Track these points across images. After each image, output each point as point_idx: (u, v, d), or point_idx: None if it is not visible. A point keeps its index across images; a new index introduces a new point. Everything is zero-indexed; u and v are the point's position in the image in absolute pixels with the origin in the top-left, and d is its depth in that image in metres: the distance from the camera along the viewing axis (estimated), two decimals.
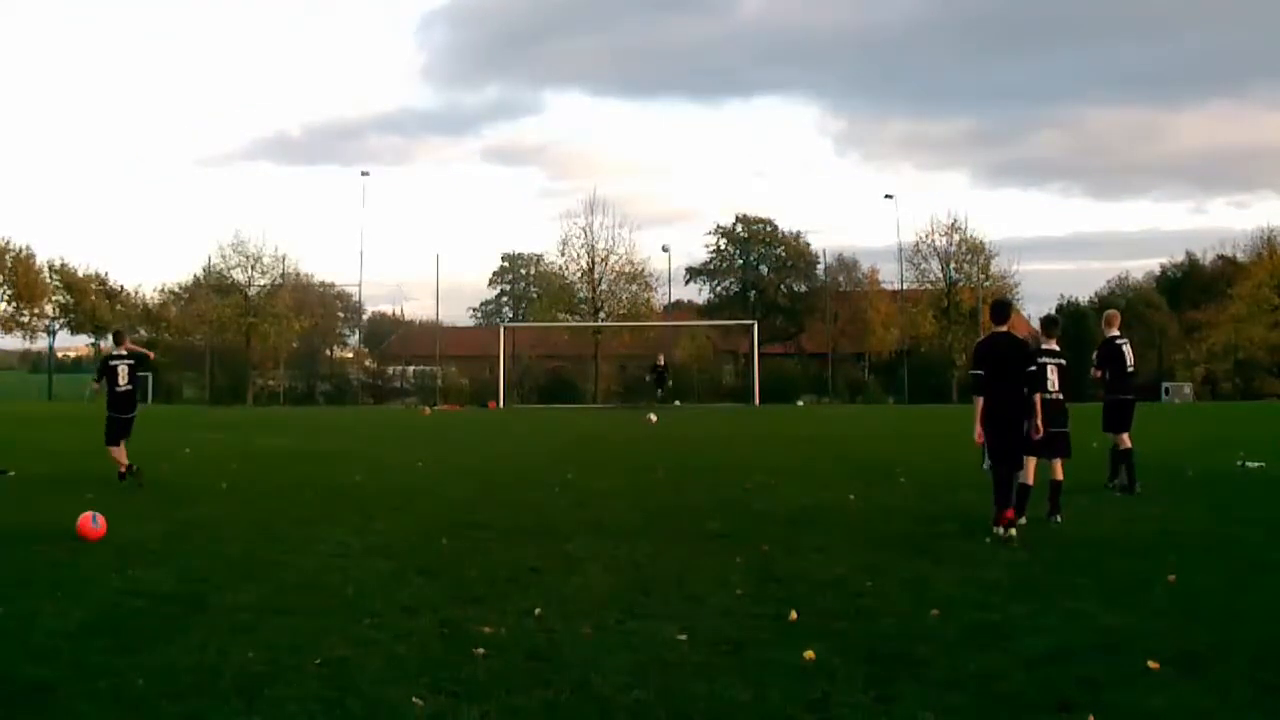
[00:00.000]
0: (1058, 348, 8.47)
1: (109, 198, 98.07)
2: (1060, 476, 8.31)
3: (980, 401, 7.76)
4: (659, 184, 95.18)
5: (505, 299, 71.05)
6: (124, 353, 11.79)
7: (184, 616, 5.16)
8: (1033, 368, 7.83)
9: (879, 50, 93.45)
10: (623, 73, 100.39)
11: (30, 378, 57.03)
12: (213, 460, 14.08)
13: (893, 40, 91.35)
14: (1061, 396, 8.34)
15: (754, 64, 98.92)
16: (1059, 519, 8.14)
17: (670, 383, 38.05)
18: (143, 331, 55.00)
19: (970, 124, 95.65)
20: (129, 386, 11.60)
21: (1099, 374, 10.60)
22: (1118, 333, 10.63)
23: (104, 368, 11.81)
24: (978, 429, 7.75)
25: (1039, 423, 7.76)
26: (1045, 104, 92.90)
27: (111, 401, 11.50)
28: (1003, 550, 6.98)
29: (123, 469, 11.16)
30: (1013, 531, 7.40)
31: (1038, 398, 7.82)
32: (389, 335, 65.67)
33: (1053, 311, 53.08)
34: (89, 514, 7.66)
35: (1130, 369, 10.59)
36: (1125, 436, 10.35)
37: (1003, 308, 8.10)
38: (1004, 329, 7.88)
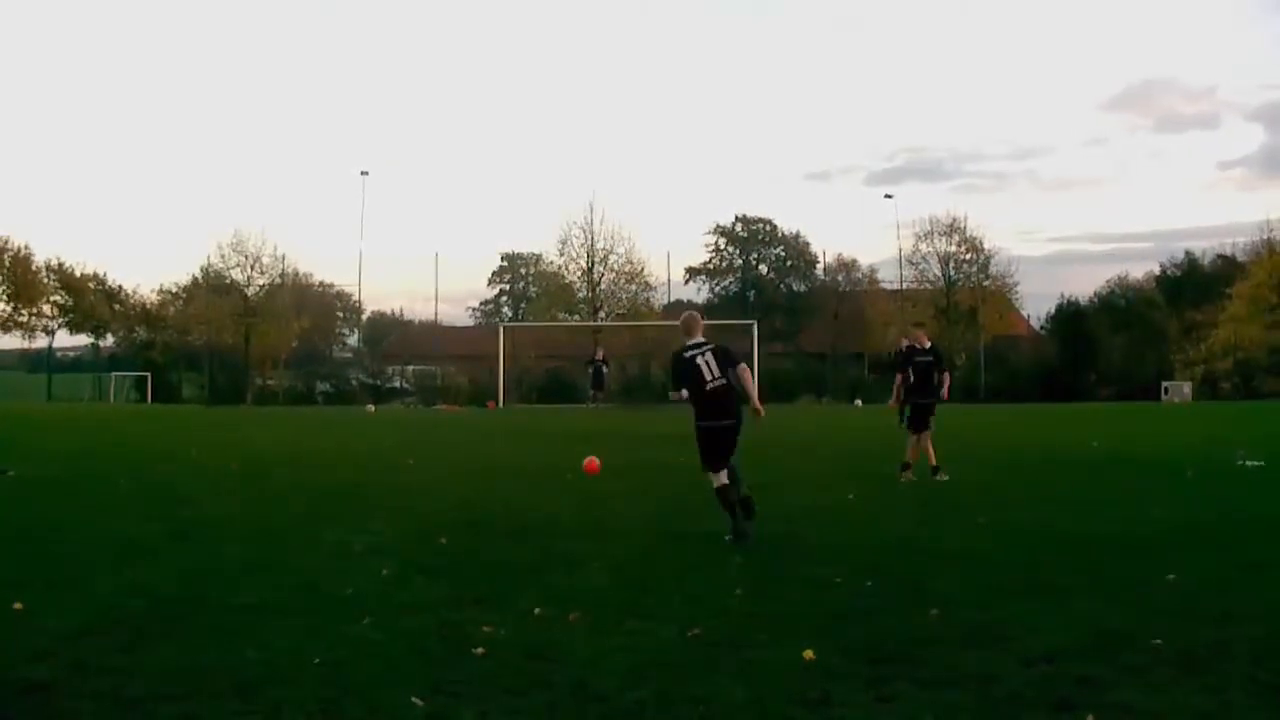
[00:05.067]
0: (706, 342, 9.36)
1: (108, 197, 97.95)
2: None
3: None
4: (661, 183, 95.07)
5: (505, 299, 71.06)
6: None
7: (184, 616, 5.15)
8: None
9: None
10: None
11: (29, 377, 57.01)
12: (213, 460, 14.08)
13: None
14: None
15: None
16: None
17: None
18: (141, 332, 55.07)
19: None
20: None
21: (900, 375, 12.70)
22: (928, 344, 12.46)
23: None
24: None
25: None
26: None
27: None
28: (1003, 550, 6.98)
29: None
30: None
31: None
32: (389, 335, 65.67)
33: (1053, 310, 53.19)
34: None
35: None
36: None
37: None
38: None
